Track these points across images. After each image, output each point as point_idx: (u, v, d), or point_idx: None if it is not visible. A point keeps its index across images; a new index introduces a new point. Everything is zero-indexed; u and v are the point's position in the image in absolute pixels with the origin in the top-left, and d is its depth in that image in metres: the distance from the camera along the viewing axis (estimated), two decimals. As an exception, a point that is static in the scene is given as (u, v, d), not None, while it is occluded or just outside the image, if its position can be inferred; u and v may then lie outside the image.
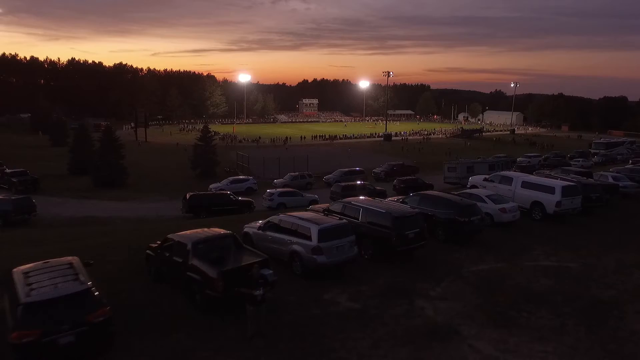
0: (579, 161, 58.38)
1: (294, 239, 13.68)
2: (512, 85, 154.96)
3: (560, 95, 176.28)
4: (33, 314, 8.58)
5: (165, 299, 12.10)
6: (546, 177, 24.67)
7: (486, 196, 20.52)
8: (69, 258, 10.92)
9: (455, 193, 21.45)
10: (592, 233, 20.04)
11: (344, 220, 14.67)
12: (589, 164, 56.93)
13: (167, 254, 12.53)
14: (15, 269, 10.31)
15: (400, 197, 22.88)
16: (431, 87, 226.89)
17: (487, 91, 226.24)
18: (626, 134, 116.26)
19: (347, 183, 37.32)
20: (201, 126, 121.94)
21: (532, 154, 64.18)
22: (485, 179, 24.65)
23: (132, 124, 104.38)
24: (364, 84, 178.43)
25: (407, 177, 41.89)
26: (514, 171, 32.83)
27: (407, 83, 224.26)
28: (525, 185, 22.08)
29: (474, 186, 25.08)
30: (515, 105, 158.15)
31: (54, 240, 21.67)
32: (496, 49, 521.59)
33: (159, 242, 13.58)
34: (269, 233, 14.77)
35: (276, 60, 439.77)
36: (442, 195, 19.38)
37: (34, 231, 26.04)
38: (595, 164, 59.38)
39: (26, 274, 9.83)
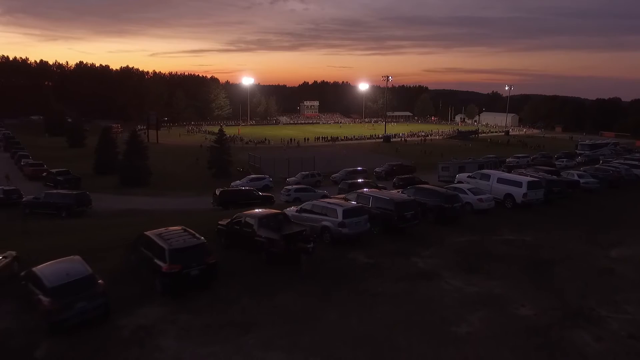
0: (563, 161, 63.67)
1: (324, 217, 19.15)
2: (506, 88, 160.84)
3: (555, 96, 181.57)
4: (176, 255, 13.99)
5: (236, 257, 17.43)
6: (519, 174, 30.16)
7: (467, 189, 26.02)
8: (179, 226, 16.32)
9: (444, 186, 26.92)
10: (549, 217, 25.51)
11: (360, 204, 20.13)
12: (573, 164, 62.28)
13: (237, 227, 17.98)
14: (147, 232, 15.69)
15: (399, 189, 28.37)
16: (429, 88, 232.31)
17: (486, 92, 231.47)
18: (617, 135, 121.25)
19: (352, 181, 42.72)
20: (207, 128, 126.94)
21: (520, 155, 69.27)
22: (469, 176, 30.17)
23: (139, 126, 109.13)
24: (363, 86, 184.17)
25: (405, 176, 47.22)
26: (501, 170, 38.30)
27: (405, 84, 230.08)
28: (500, 180, 27.55)
29: (460, 182, 30.51)
30: (512, 106, 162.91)
31: (123, 225, 26.96)
32: (494, 50, 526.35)
33: (227, 220, 19.03)
34: (304, 214, 20.21)
35: (275, 61, 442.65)
36: (431, 188, 25.02)
37: (98, 220, 31.36)
38: (578, 163, 64.71)
39: (159, 234, 15.23)
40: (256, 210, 19.21)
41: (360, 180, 43.62)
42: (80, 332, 12.19)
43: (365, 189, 25.54)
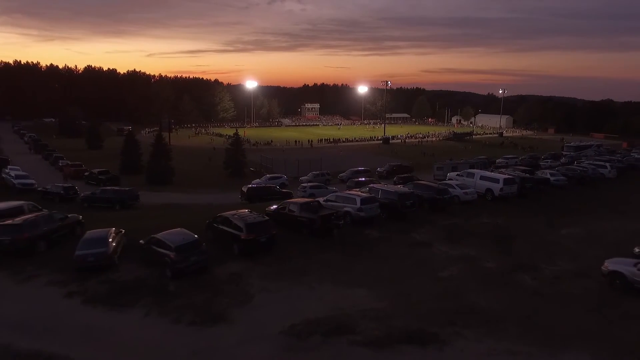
0: (548, 161, 69.90)
1: (346, 204, 25.56)
2: (500, 91, 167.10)
3: (550, 98, 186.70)
4: (250, 227, 20.31)
5: (281, 233, 23.65)
6: (499, 172, 36.62)
7: (456, 184, 32.47)
8: (246, 209, 22.63)
9: (436, 182, 33.35)
10: (521, 207, 31.97)
11: (372, 195, 26.56)
12: (557, 164, 68.59)
13: (283, 212, 24.33)
14: (222, 213, 21.98)
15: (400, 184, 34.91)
16: (426, 89, 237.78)
17: (483, 92, 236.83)
18: (606, 137, 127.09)
19: (358, 179, 49.12)
20: (213, 130, 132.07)
21: (509, 156, 75.18)
22: (457, 174, 36.64)
23: (148, 129, 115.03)
24: (362, 89, 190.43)
25: (404, 175, 53.54)
26: (490, 170, 44.75)
27: (402, 86, 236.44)
28: (482, 178, 33.99)
29: (450, 179, 36.93)
30: (509, 107, 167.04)
31: (174, 215, 33.16)
32: (492, 50, 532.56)
33: (272, 206, 25.38)
34: (329, 203, 26.58)
35: (272, 61, 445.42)
36: (426, 183, 31.57)
37: (148, 211, 37.54)
38: (562, 164, 70.98)
39: (234, 214, 21.53)
40: (296, 199, 25.62)
41: (362, 179, 50.02)
42: (193, 277, 18.44)
43: (373, 184, 31.93)
